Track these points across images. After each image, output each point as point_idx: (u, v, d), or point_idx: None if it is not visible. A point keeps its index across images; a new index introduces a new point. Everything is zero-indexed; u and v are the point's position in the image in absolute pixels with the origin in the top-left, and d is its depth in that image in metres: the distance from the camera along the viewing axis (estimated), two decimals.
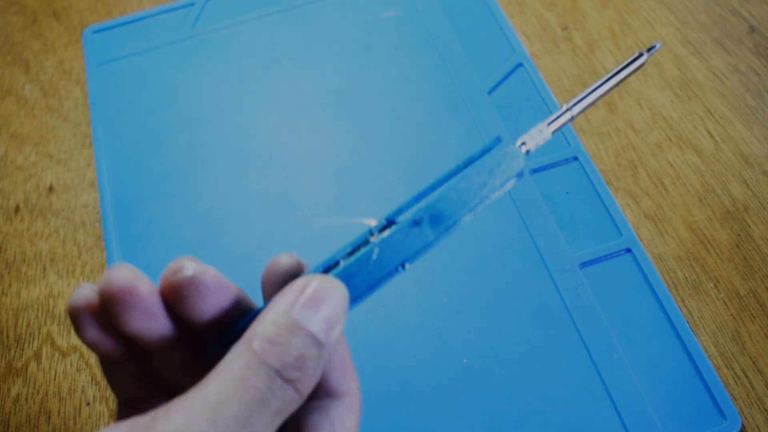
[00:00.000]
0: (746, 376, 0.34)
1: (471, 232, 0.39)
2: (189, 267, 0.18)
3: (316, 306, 0.18)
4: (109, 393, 0.36)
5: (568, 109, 0.26)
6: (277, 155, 0.43)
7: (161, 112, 0.45)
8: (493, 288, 0.37)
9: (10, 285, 0.40)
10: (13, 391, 0.36)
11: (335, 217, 0.40)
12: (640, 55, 0.26)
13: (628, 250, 0.37)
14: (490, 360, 0.34)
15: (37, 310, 0.39)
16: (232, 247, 0.39)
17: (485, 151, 0.23)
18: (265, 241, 0.39)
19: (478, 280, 0.37)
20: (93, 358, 0.37)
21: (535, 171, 0.41)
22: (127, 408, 0.20)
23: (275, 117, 0.45)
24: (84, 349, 0.37)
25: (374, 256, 0.21)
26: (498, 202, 0.40)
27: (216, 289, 0.19)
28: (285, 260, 0.20)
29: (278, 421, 0.17)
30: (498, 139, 0.24)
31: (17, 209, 0.43)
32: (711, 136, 0.42)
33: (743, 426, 0.32)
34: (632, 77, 0.45)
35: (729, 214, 0.39)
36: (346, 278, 0.20)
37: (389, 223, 0.22)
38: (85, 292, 0.19)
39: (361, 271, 0.20)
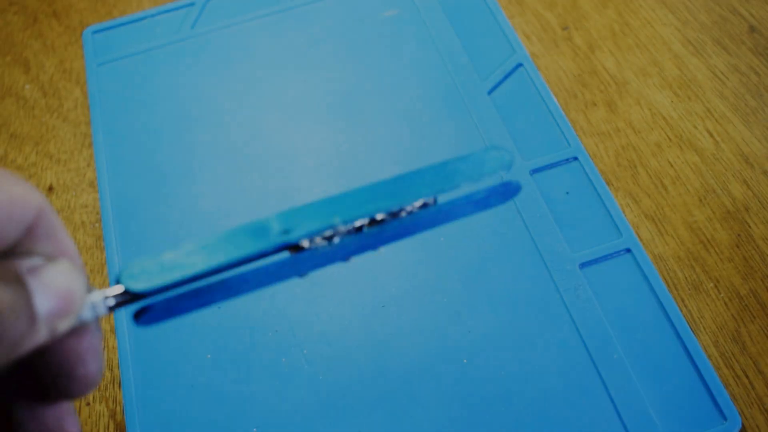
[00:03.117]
0: (746, 377, 0.34)
1: (471, 233, 0.39)
2: None
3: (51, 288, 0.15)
4: (108, 393, 0.36)
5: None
6: (278, 155, 0.43)
7: (161, 112, 0.45)
8: (493, 288, 0.37)
9: None
10: None
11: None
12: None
13: (628, 250, 0.37)
14: (490, 360, 0.34)
15: None
16: None
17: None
18: None
19: (478, 280, 0.37)
20: None
21: (535, 171, 0.41)
22: None
23: (275, 117, 0.45)
24: None
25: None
26: (498, 202, 0.40)
27: None
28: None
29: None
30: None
31: None
32: (711, 135, 0.42)
33: (743, 426, 0.32)
34: (632, 76, 0.45)
35: (729, 214, 0.39)
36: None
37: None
38: None
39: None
